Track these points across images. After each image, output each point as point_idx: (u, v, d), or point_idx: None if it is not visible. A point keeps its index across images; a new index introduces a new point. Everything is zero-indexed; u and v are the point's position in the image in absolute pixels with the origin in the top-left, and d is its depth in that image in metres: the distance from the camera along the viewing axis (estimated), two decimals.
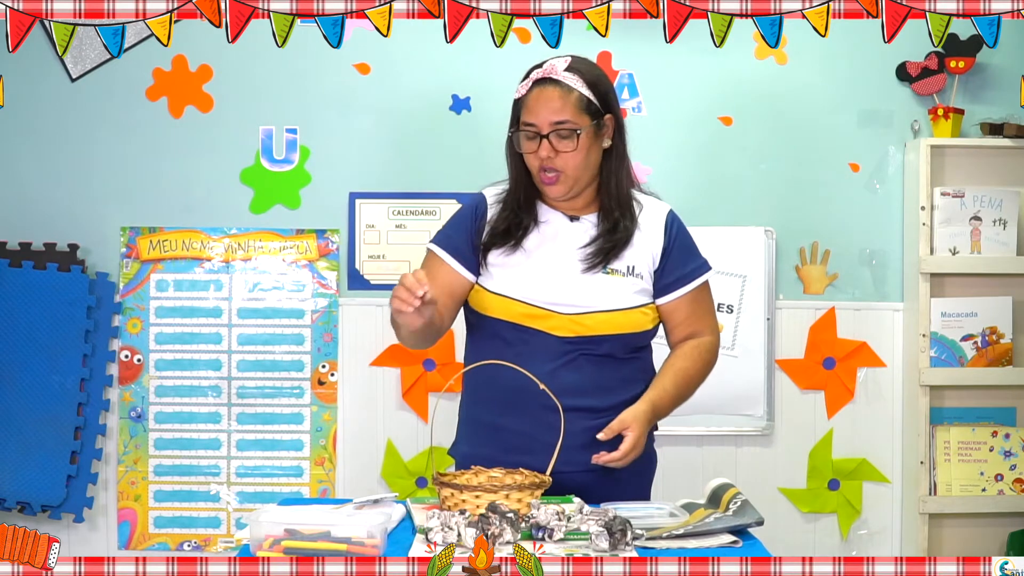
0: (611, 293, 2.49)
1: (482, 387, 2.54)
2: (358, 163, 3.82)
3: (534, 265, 2.50)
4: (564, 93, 2.46)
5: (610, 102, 2.52)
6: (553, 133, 2.45)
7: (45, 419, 3.72)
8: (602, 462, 2.40)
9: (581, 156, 2.47)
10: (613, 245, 2.50)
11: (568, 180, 2.48)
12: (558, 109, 2.45)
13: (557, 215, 2.55)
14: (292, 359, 3.82)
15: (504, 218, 2.54)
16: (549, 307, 2.47)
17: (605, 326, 2.48)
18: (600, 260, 2.49)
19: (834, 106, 3.82)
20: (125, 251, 3.80)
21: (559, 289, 2.47)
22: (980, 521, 3.75)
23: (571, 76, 2.47)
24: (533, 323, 2.47)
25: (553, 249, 2.52)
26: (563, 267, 2.50)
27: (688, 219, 3.84)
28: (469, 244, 2.54)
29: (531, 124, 2.46)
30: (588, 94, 2.47)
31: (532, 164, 2.50)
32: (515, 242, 2.51)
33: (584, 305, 2.47)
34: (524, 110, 2.48)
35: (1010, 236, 3.72)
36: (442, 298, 2.50)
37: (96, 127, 3.80)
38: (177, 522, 3.81)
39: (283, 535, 1.92)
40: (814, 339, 3.83)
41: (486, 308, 2.51)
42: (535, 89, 2.48)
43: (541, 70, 2.48)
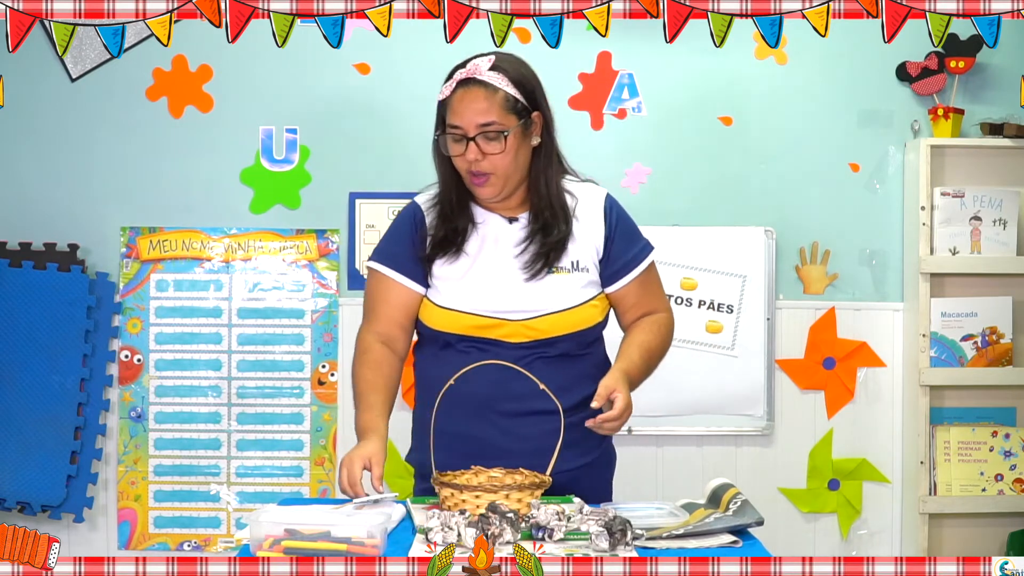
0: (559, 293, 2.45)
1: (432, 394, 2.45)
2: (358, 163, 3.82)
3: (479, 274, 2.46)
4: (489, 93, 2.39)
5: (537, 99, 2.47)
6: (480, 135, 2.39)
7: (45, 419, 3.72)
8: (598, 421, 2.33)
9: (509, 157, 2.41)
10: (549, 249, 2.45)
11: (498, 182, 2.43)
12: (483, 110, 2.39)
13: (494, 217, 2.50)
14: (292, 359, 3.82)
15: (440, 225, 2.49)
16: (499, 316, 2.43)
17: (558, 327, 2.45)
18: (540, 266, 2.44)
19: (834, 106, 3.82)
20: (125, 251, 3.81)
21: (507, 297, 2.43)
22: (980, 521, 3.75)
23: (496, 75, 2.40)
24: (485, 333, 2.43)
25: (495, 254, 2.47)
26: (507, 273, 2.45)
27: (688, 219, 3.87)
28: (413, 256, 2.49)
29: (457, 127, 2.40)
30: (514, 93, 2.41)
31: (460, 167, 2.44)
32: (456, 248, 2.46)
33: (534, 309, 2.44)
34: (449, 112, 2.42)
35: (1010, 236, 3.72)
36: (398, 317, 2.49)
37: (96, 127, 3.80)
38: (177, 522, 3.81)
39: (283, 535, 1.92)
40: (814, 339, 3.83)
41: (435, 322, 2.47)
42: (459, 90, 2.41)
43: (464, 70, 2.42)
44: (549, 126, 2.50)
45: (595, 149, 3.79)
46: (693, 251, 3.76)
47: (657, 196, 3.80)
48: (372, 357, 2.48)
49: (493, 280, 2.45)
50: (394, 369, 2.50)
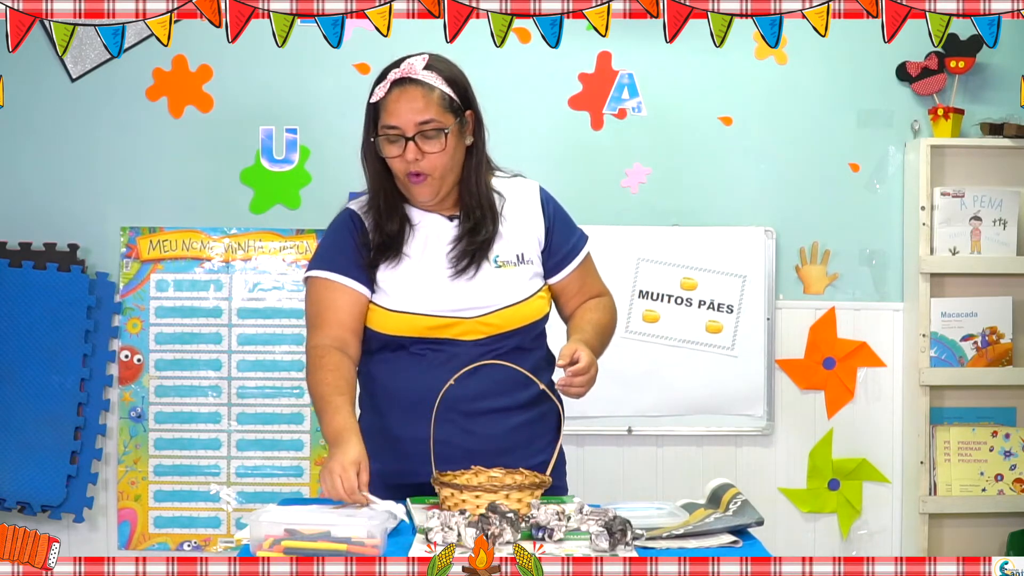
0: (509, 286, 2.43)
1: (388, 399, 2.43)
2: (358, 163, 3.78)
3: (427, 274, 2.42)
4: (426, 92, 2.36)
5: (470, 98, 2.44)
6: (419, 134, 2.35)
7: (45, 419, 3.72)
8: (568, 374, 2.30)
9: (448, 156, 2.38)
10: (475, 248, 2.42)
11: (435, 182, 2.40)
12: (421, 109, 2.35)
13: (432, 216, 2.46)
14: (292, 359, 3.82)
15: (376, 231, 2.44)
16: (454, 315, 2.40)
17: (511, 320, 2.43)
18: (467, 264, 2.41)
19: (834, 106, 3.82)
20: (125, 251, 3.81)
21: (459, 295, 2.41)
22: (980, 521, 3.76)
23: (430, 75, 2.37)
24: (441, 333, 2.40)
25: (439, 253, 2.44)
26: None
27: (688, 219, 3.87)
28: (356, 261, 2.43)
29: (394, 127, 2.36)
30: (449, 92, 2.39)
31: (398, 168, 2.40)
32: (395, 251, 2.42)
33: (487, 305, 2.41)
34: (384, 113, 2.38)
35: (1010, 236, 3.72)
36: (349, 322, 2.42)
37: (96, 127, 3.80)
38: (177, 522, 3.81)
39: (283, 535, 1.92)
40: (814, 339, 3.83)
41: (386, 327, 2.42)
42: (394, 90, 2.36)
43: (399, 70, 2.38)
44: (480, 126, 2.47)
45: (595, 149, 3.80)
46: (693, 251, 3.76)
47: (657, 196, 3.80)
48: (329, 360, 2.38)
49: (442, 279, 2.42)
50: (352, 373, 2.41)
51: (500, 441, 2.39)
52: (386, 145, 2.38)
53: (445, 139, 2.37)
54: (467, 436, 2.38)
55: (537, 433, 2.46)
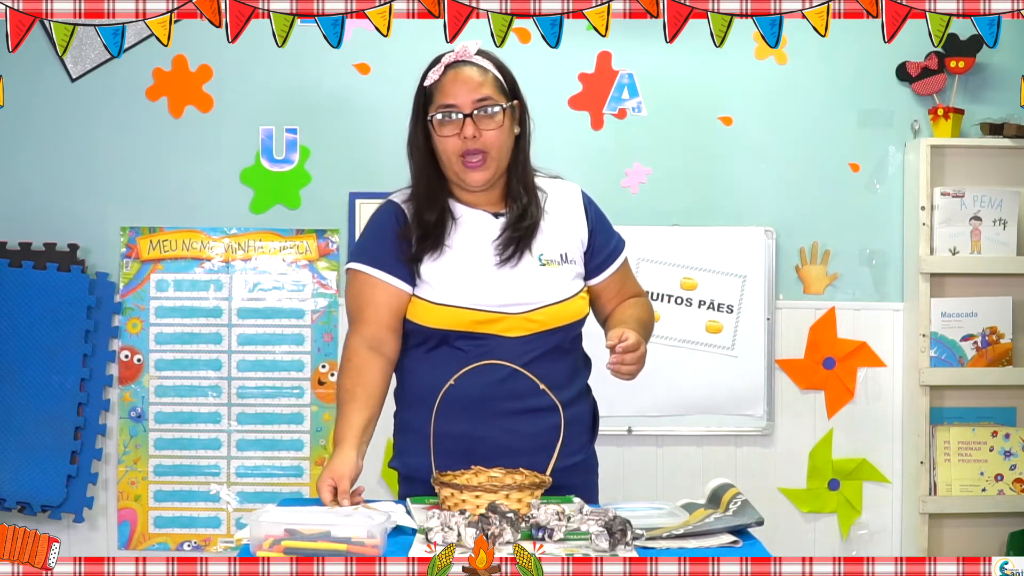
0: (553, 284, 2.45)
1: (429, 395, 2.40)
2: (358, 163, 3.81)
3: (471, 267, 2.43)
4: (482, 72, 2.41)
5: (517, 91, 2.48)
6: (476, 111, 2.38)
7: (45, 419, 3.72)
8: (619, 350, 2.33)
9: (504, 135, 2.41)
10: (522, 235, 2.44)
11: (492, 163, 2.41)
12: (478, 86, 2.39)
13: (478, 212, 2.48)
14: (292, 359, 3.82)
15: (419, 220, 2.45)
16: (500, 309, 2.41)
17: (555, 319, 2.44)
18: (512, 251, 2.42)
19: (834, 106, 3.82)
20: (125, 251, 3.81)
21: (505, 290, 2.42)
22: (980, 521, 3.76)
23: (483, 59, 2.43)
24: (485, 328, 2.41)
25: (484, 248, 2.45)
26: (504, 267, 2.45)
27: (688, 219, 3.87)
28: (399, 255, 2.44)
29: (452, 105, 2.39)
30: (500, 77, 2.44)
31: (453, 150, 2.41)
32: (438, 242, 2.43)
33: (533, 302, 2.42)
34: (440, 94, 2.41)
35: (1010, 236, 3.72)
36: (387, 319, 2.43)
37: (96, 127, 3.80)
38: (177, 522, 3.81)
39: (283, 535, 1.92)
40: (814, 339, 3.83)
41: (430, 320, 2.42)
42: (449, 72, 2.41)
43: (453, 54, 2.43)
44: (526, 118, 2.50)
45: (595, 149, 3.80)
46: (693, 251, 3.76)
47: (657, 196, 3.80)
48: (352, 364, 2.41)
49: (487, 273, 2.43)
50: (378, 374, 2.41)
51: (540, 439, 2.39)
52: (443, 125, 2.40)
53: (503, 116, 2.40)
54: (509, 434, 2.40)
55: (574, 433, 2.47)
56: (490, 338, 2.41)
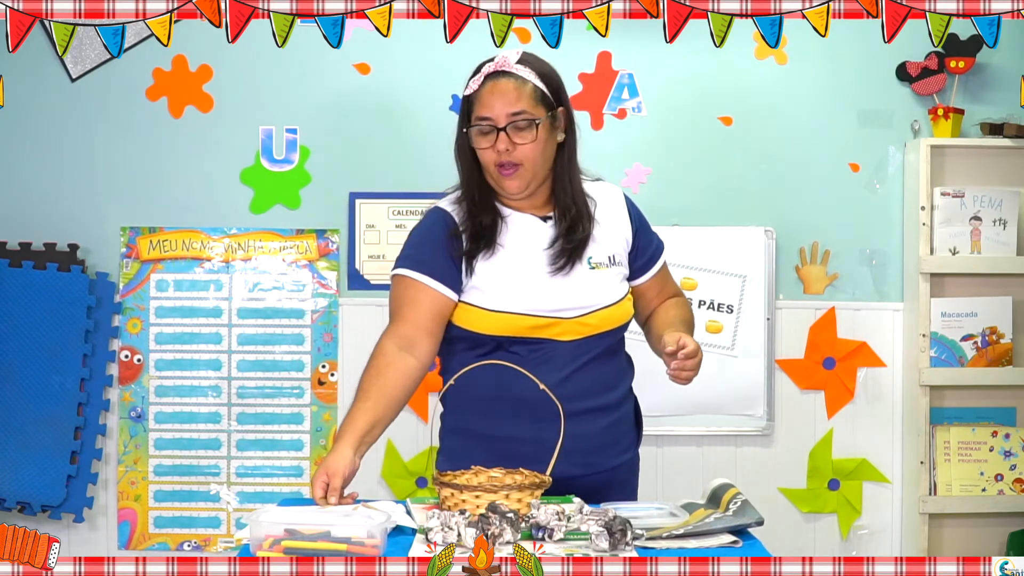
0: (605, 288, 2.46)
1: (476, 397, 2.44)
2: (358, 163, 3.82)
3: (524, 271, 2.43)
4: (519, 84, 2.41)
5: (562, 96, 2.48)
6: (510, 125, 2.38)
7: (45, 419, 3.72)
8: (680, 357, 2.38)
9: (539, 148, 2.41)
10: (574, 247, 2.45)
11: (526, 174, 2.42)
12: (513, 100, 2.39)
13: (526, 216, 2.48)
14: (292, 359, 3.82)
15: (469, 221, 2.46)
16: (554, 314, 2.42)
17: (607, 321, 2.46)
18: (564, 262, 2.43)
19: (834, 106, 3.82)
20: (125, 251, 3.81)
21: (560, 295, 2.43)
22: (980, 521, 3.75)
23: (523, 68, 2.42)
24: (540, 333, 2.41)
25: (538, 253, 2.46)
26: (549, 271, 2.46)
27: (688, 219, 3.88)
28: (447, 261, 2.43)
29: (486, 118, 2.40)
30: (541, 86, 2.43)
31: (488, 160, 2.42)
32: (489, 242, 2.43)
33: (587, 305, 2.44)
34: (477, 105, 2.41)
35: (1010, 236, 3.72)
36: (426, 322, 2.42)
37: (96, 127, 3.80)
38: (177, 522, 3.81)
39: (283, 535, 1.92)
40: (814, 339, 3.83)
41: (484, 326, 2.42)
42: (488, 83, 2.41)
43: (493, 63, 2.42)
44: (572, 125, 2.51)
45: (595, 149, 3.78)
46: (693, 251, 3.76)
47: (657, 196, 3.80)
48: (375, 363, 2.40)
49: (540, 278, 2.43)
50: (401, 376, 2.38)
51: (592, 440, 2.43)
52: (478, 136, 2.42)
53: (536, 131, 2.40)
54: (569, 437, 2.37)
55: (622, 432, 2.52)
56: (545, 343, 2.42)
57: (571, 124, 2.50)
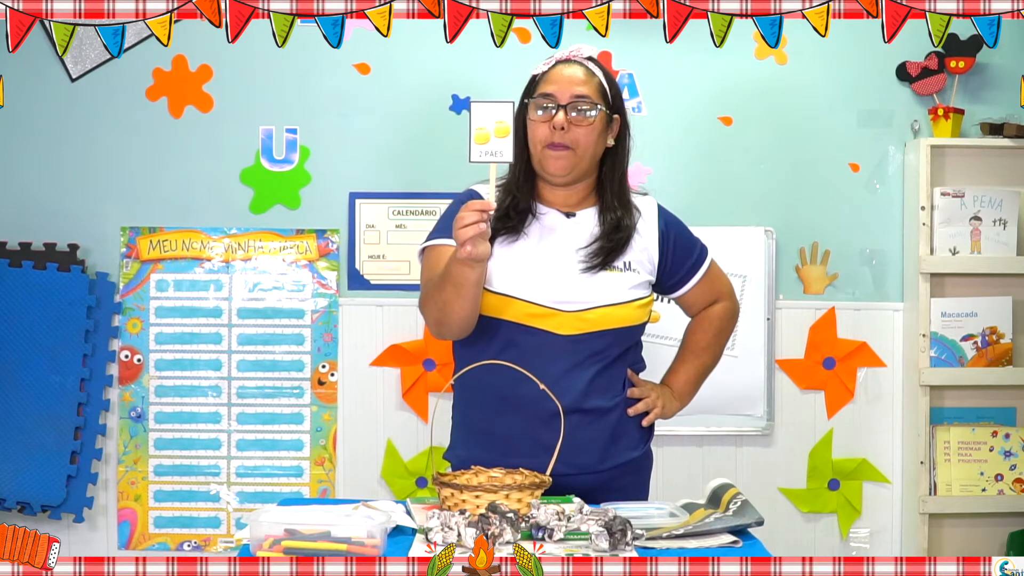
0: (609, 287, 2.48)
1: (478, 391, 2.50)
2: (358, 163, 3.82)
3: (536, 263, 2.47)
4: (588, 73, 2.49)
5: (620, 104, 2.54)
6: (571, 105, 2.44)
7: (45, 419, 3.72)
8: (644, 423, 2.53)
9: (592, 136, 2.46)
10: (614, 245, 2.49)
11: (574, 157, 2.46)
12: (581, 82, 2.46)
13: (553, 211, 2.53)
14: (292, 359, 3.82)
15: (504, 199, 2.50)
16: (554, 306, 2.44)
17: (605, 321, 2.47)
18: (600, 260, 2.47)
19: (834, 106, 3.82)
20: (125, 251, 3.81)
21: (563, 287, 2.45)
22: (980, 521, 3.75)
23: (594, 65, 2.51)
24: (538, 323, 2.44)
25: (552, 245, 2.49)
26: (564, 265, 2.48)
27: (688, 219, 3.84)
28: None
29: (550, 94, 2.45)
30: (607, 86, 2.51)
31: (541, 136, 2.46)
32: (515, 228, 2.47)
33: (586, 301, 2.46)
34: (543, 82, 2.48)
35: (1010, 236, 3.72)
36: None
37: (96, 127, 3.80)
38: (177, 522, 3.81)
39: (283, 535, 1.92)
40: (814, 339, 3.83)
41: (487, 308, 2.46)
42: (559, 65, 2.49)
43: (567, 51, 2.49)
44: (625, 133, 2.56)
45: None
46: None
47: (657, 196, 3.77)
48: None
49: (550, 269, 2.46)
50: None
51: (588, 439, 2.47)
52: (538, 109, 2.46)
53: (596, 118, 2.45)
54: (549, 431, 2.40)
55: (629, 429, 2.55)
56: (541, 333, 2.44)
57: (624, 133, 2.55)
